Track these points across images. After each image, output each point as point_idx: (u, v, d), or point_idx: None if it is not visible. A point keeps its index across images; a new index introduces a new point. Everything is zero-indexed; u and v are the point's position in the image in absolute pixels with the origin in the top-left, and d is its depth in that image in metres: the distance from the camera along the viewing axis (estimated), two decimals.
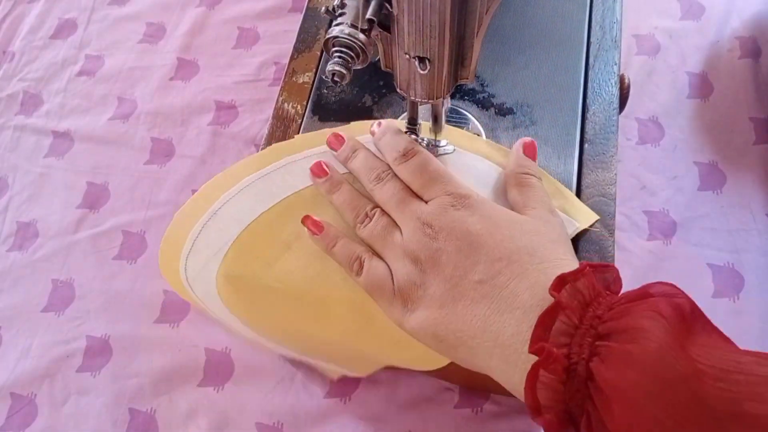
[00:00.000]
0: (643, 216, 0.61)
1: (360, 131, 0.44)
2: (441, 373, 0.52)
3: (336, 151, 0.43)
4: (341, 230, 0.41)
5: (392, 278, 0.37)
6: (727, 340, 0.28)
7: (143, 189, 0.67)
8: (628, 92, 0.51)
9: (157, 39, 0.78)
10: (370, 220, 0.39)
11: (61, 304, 0.61)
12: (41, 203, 0.67)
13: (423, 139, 0.43)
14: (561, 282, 0.30)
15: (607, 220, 0.42)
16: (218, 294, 0.40)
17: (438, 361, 0.38)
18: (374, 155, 0.42)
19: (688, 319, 0.28)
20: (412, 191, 0.40)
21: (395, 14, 0.33)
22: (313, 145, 0.44)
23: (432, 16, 0.32)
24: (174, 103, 0.72)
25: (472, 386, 0.54)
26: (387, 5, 0.33)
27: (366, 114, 0.47)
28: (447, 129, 0.43)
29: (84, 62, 0.77)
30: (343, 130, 0.44)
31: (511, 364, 0.31)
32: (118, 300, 0.61)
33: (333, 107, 0.48)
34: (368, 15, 0.33)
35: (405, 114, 0.43)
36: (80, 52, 0.78)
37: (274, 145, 0.44)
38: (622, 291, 0.32)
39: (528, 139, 0.42)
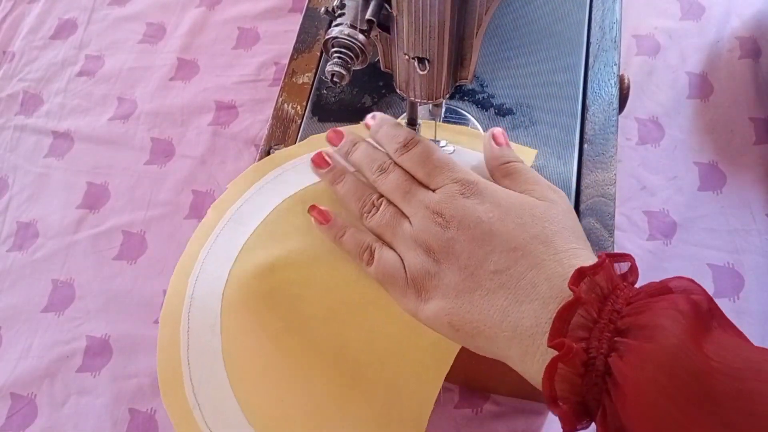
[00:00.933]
0: (643, 216, 0.61)
1: (359, 132, 0.44)
2: None
3: (336, 146, 0.43)
4: (324, 248, 0.40)
5: (404, 268, 0.37)
6: (741, 335, 0.28)
7: (143, 189, 0.67)
8: (628, 92, 0.50)
9: (157, 39, 0.78)
10: (377, 210, 0.39)
11: (61, 304, 0.61)
12: (41, 203, 0.67)
13: None
14: (580, 275, 0.30)
15: (606, 220, 0.42)
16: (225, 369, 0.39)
17: (447, 352, 0.37)
18: (376, 147, 0.42)
19: (705, 315, 0.28)
20: (417, 180, 0.39)
21: (395, 15, 0.33)
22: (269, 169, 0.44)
23: (431, 17, 0.32)
24: (174, 103, 0.72)
25: (472, 386, 0.54)
26: (386, 6, 0.33)
27: (366, 114, 0.47)
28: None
29: (84, 62, 0.77)
30: (342, 128, 0.44)
31: (529, 355, 0.31)
32: (118, 300, 0.61)
33: (333, 108, 0.48)
34: (368, 16, 0.33)
35: (404, 114, 0.43)
36: (80, 52, 0.78)
37: (215, 204, 0.44)
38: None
39: (496, 129, 0.41)
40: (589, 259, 0.33)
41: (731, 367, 0.25)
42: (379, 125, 0.42)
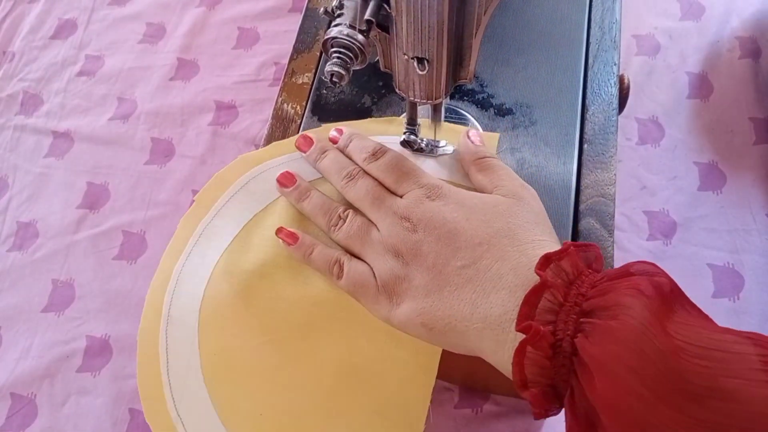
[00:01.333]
0: (643, 216, 0.61)
1: (325, 134, 0.44)
2: (441, 373, 0.52)
3: (304, 152, 0.43)
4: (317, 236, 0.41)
5: (374, 276, 0.37)
6: (705, 317, 0.29)
7: (143, 189, 0.67)
8: (627, 92, 0.50)
9: (157, 39, 0.78)
10: (344, 221, 0.39)
11: (61, 304, 0.61)
12: (41, 203, 0.68)
13: (422, 140, 0.43)
14: (546, 261, 0.31)
15: (606, 220, 0.42)
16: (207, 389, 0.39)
17: (431, 354, 0.38)
18: (344, 155, 0.42)
19: (668, 297, 0.29)
20: (385, 188, 0.40)
21: (394, 15, 0.33)
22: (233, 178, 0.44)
23: (430, 17, 0.32)
24: (174, 103, 0.72)
25: (472, 386, 0.54)
26: (386, 6, 0.33)
27: (366, 114, 0.47)
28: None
29: (84, 62, 0.77)
30: (312, 132, 0.44)
31: (500, 344, 0.31)
32: (118, 300, 0.61)
33: (332, 108, 0.48)
34: (367, 16, 0.33)
35: (404, 114, 0.43)
36: (80, 52, 0.78)
37: (183, 219, 0.43)
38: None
39: (471, 131, 0.42)
40: (554, 249, 0.33)
41: (696, 346, 0.25)
42: (348, 138, 0.43)
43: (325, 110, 0.48)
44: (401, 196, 0.39)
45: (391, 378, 0.38)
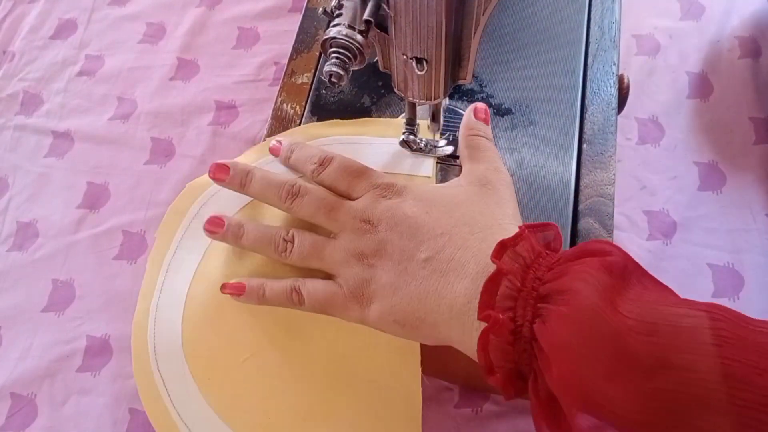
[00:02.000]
0: (643, 216, 0.61)
1: (258, 155, 0.43)
2: (441, 373, 0.52)
3: (223, 182, 0.40)
4: (261, 274, 0.40)
5: (338, 285, 0.37)
6: (663, 291, 0.29)
7: (143, 189, 0.67)
8: (627, 92, 0.50)
9: (157, 39, 0.78)
10: (293, 244, 0.38)
11: (61, 304, 0.61)
12: (41, 203, 0.68)
13: (421, 140, 0.43)
14: (502, 248, 0.31)
15: (605, 220, 0.42)
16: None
17: (410, 348, 0.38)
18: (272, 172, 0.41)
19: (621, 275, 0.29)
20: (337, 195, 0.39)
21: (392, 15, 0.33)
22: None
23: (429, 17, 0.32)
24: (174, 103, 0.72)
25: (472, 386, 0.54)
26: (384, 6, 0.33)
27: (365, 114, 0.47)
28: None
29: (84, 62, 0.77)
30: (241, 158, 0.44)
31: (467, 332, 0.32)
32: (118, 300, 0.61)
33: (332, 108, 0.48)
34: (365, 16, 0.33)
35: (403, 114, 0.43)
36: (80, 52, 0.78)
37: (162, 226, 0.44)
38: None
39: (480, 104, 0.42)
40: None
41: (645, 323, 0.26)
42: (288, 150, 0.42)
43: (325, 110, 0.48)
44: (355, 199, 0.38)
45: (379, 372, 0.38)
